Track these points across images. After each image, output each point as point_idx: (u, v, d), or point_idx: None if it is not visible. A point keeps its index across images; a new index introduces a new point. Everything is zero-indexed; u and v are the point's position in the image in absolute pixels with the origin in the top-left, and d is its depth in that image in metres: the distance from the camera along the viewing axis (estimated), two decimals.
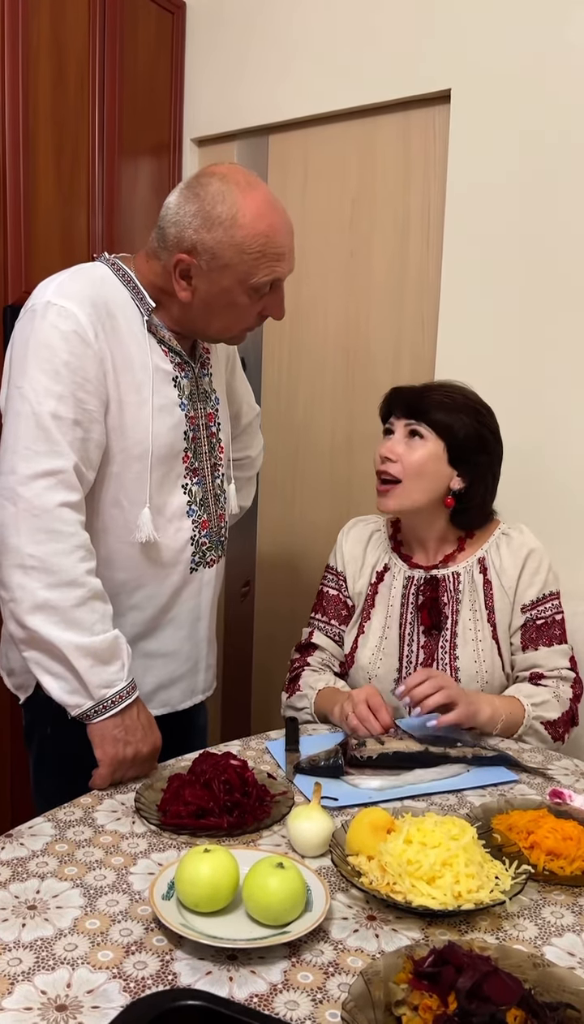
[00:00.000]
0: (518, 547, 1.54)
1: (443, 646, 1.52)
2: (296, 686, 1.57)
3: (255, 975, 0.85)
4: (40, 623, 1.20)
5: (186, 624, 1.47)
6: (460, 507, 1.53)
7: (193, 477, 1.41)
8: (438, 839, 0.97)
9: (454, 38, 1.98)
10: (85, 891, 0.97)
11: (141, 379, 1.31)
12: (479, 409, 1.52)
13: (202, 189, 1.26)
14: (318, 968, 0.87)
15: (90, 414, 1.25)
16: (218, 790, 1.13)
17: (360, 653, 1.57)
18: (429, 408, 1.48)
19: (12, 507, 1.21)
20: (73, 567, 1.22)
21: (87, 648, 1.21)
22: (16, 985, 0.82)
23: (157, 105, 2.42)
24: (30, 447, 1.21)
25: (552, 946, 0.92)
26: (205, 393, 1.44)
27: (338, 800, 1.20)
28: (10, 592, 1.22)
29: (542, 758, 1.39)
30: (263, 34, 2.30)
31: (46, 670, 1.23)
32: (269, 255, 1.26)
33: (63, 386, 1.22)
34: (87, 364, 1.24)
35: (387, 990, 0.79)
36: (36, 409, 1.21)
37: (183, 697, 1.50)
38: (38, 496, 1.21)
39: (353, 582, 1.62)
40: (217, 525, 1.48)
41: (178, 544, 1.40)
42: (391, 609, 1.57)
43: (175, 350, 1.37)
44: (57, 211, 2.13)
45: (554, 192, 1.88)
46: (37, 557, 1.20)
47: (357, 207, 2.24)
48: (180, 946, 0.88)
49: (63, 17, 2.08)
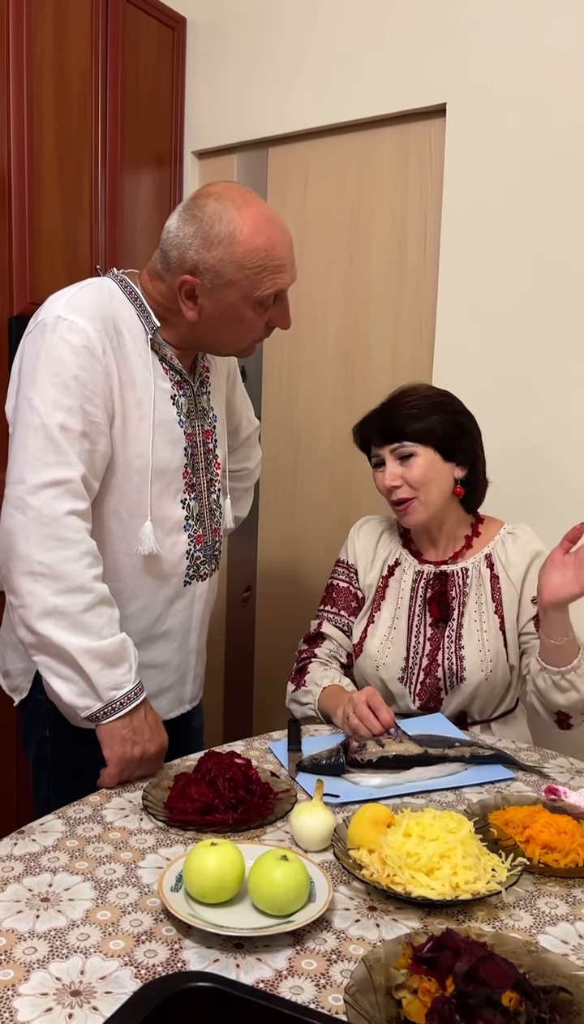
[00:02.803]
0: (524, 544, 1.59)
1: (449, 635, 1.56)
2: (303, 680, 1.61)
3: (261, 962, 0.88)
4: (50, 628, 1.23)
5: (178, 636, 1.49)
6: (468, 490, 1.59)
7: (190, 492, 1.44)
8: (436, 833, 1.01)
9: (450, 53, 2.02)
10: (96, 884, 1.01)
11: (142, 395, 1.34)
12: (442, 400, 1.57)
13: (199, 210, 1.28)
14: (321, 955, 0.90)
15: (97, 426, 1.28)
16: (223, 787, 1.16)
17: (369, 642, 1.62)
18: (402, 425, 1.53)
19: (21, 516, 1.24)
20: (81, 573, 1.25)
21: (96, 651, 1.24)
22: (32, 972, 0.85)
23: (158, 118, 2.46)
24: (39, 458, 1.24)
25: (546, 935, 0.95)
26: (203, 411, 1.47)
27: (340, 797, 1.24)
28: (20, 598, 1.25)
29: (538, 756, 1.43)
30: (263, 48, 2.34)
31: (55, 673, 1.26)
32: (270, 268, 1.29)
33: (72, 399, 1.25)
34: (96, 378, 1.27)
35: (388, 975, 0.83)
36: (45, 421, 1.24)
37: (170, 707, 1.52)
38: (46, 505, 1.23)
39: (364, 575, 1.67)
40: (212, 540, 1.51)
41: (174, 557, 1.43)
42: (401, 601, 1.61)
43: (176, 368, 1.40)
44: (61, 223, 2.17)
45: (547, 201, 1.93)
46: (46, 564, 1.23)
47: (356, 217, 2.29)
48: (188, 935, 0.92)
49: (66, 33, 2.12)
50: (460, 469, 1.57)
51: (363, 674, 1.63)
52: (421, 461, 1.53)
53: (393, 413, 1.55)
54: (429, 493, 1.54)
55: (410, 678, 1.58)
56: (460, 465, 1.56)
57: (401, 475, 1.53)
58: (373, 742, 1.35)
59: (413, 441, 1.53)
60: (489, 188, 2.00)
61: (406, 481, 1.53)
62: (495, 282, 2.01)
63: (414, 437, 1.52)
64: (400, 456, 1.54)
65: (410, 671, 1.58)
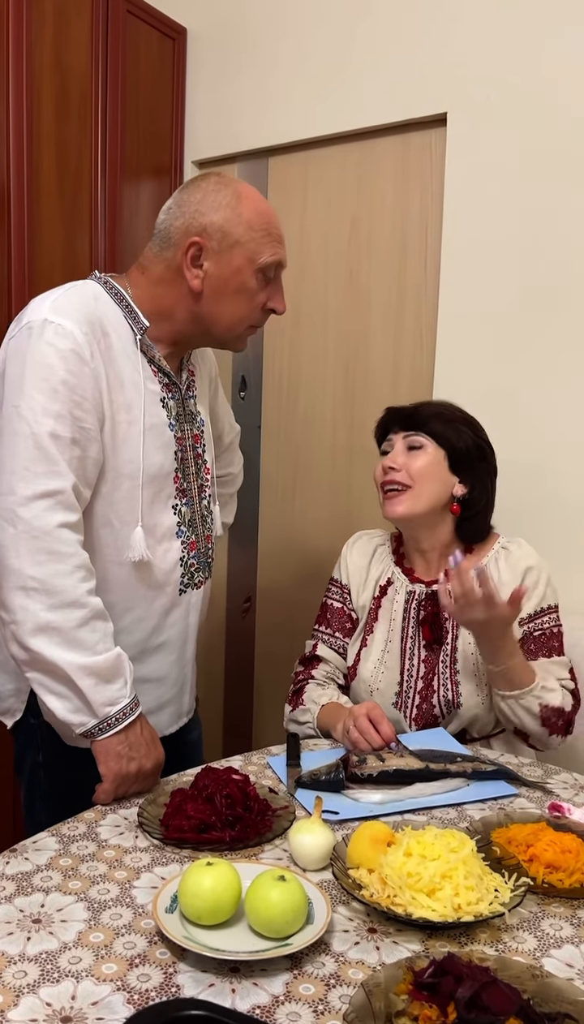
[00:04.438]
0: (516, 561, 1.55)
1: (444, 660, 1.53)
2: (300, 699, 1.58)
3: (257, 987, 0.86)
4: (43, 645, 1.20)
5: (176, 648, 1.47)
6: (465, 514, 1.56)
7: (182, 498, 1.42)
8: (438, 852, 0.98)
9: (450, 63, 2.02)
10: (89, 905, 0.98)
11: (131, 398, 1.32)
12: (473, 422, 1.57)
13: (203, 182, 1.33)
14: (320, 980, 0.88)
15: (87, 432, 1.26)
16: (220, 804, 1.14)
17: (362, 666, 1.59)
18: (426, 419, 1.53)
19: (12, 528, 1.21)
20: (74, 588, 1.22)
21: (90, 668, 1.21)
22: (22, 997, 0.83)
23: (158, 128, 2.46)
24: (29, 468, 1.21)
25: (551, 958, 0.92)
26: (191, 414, 1.45)
27: (339, 814, 1.21)
28: (12, 614, 1.22)
29: (541, 772, 1.40)
30: (263, 58, 2.34)
31: (49, 690, 1.23)
32: (272, 235, 1.32)
33: (61, 405, 1.22)
34: (84, 382, 1.25)
35: (388, 1001, 0.80)
36: (35, 429, 1.21)
37: (171, 721, 1.50)
38: (37, 517, 1.20)
39: (357, 595, 1.64)
40: (205, 546, 1.48)
41: (167, 565, 1.40)
42: (393, 623, 1.58)
43: (164, 370, 1.38)
44: (60, 233, 2.16)
45: (549, 212, 1.91)
46: (38, 579, 1.20)
47: (356, 227, 2.28)
48: (183, 959, 0.89)
49: (66, 43, 2.12)
50: (461, 486, 1.54)
51: (358, 699, 1.60)
52: (428, 456, 1.51)
53: (424, 408, 1.55)
54: (422, 490, 1.51)
55: (405, 703, 1.55)
56: (463, 483, 1.54)
57: (403, 463, 1.51)
58: (373, 756, 1.33)
59: (430, 436, 1.52)
60: (490, 198, 1.99)
61: (406, 469, 1.51)
62: (496, 292, 2.00)
63: (432, 433, 1.52)
64: (410, 445, 1.52)
65: (405, 695, 1.55)
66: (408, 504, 1.51)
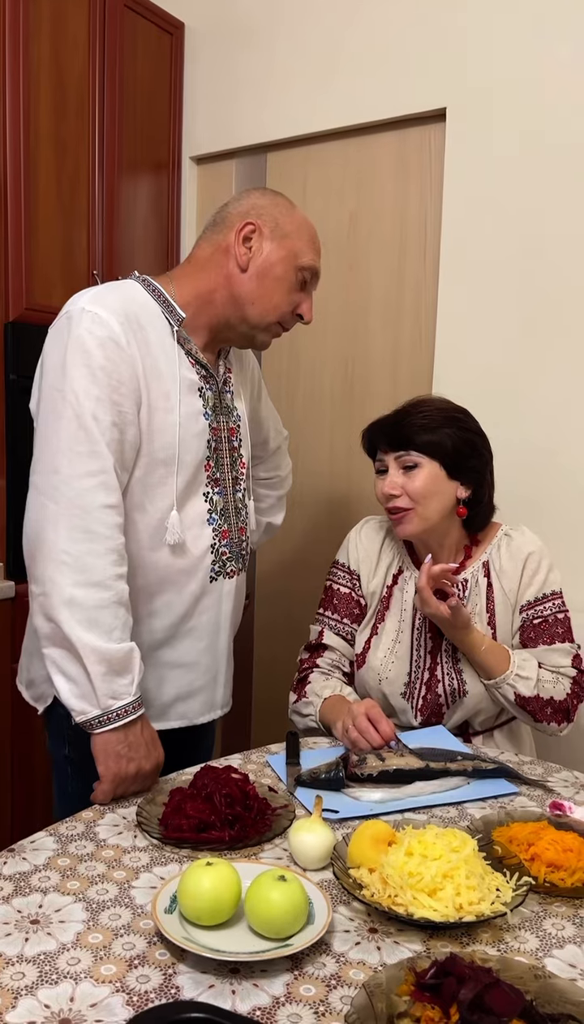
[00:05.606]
0: (518, 549, 1.55)
1: (446, 650, 1.53)
2: (304, 690, 1.57)
3: (258, 988, 0.85)
4: (65, 618, 1.22)
5: (206, 635, 1.47)
6: (472, 510, 1.55)
7: (214, 487, 1.44)
8: (439, 851, 0.98)
9: (449, 58, 2.01)
10: (87, 905, 0.98)
11: (169, 388, 1.35)
12: (457, 416, 1.53)
13: (252, 190, 1.42)
14: (320, 981, 0.87)
15: (125, 416, 1.29)
16: (219, 804, 1.13)
17: (372, 655, 1.58)
18: (412, 434, 1.49)
19: (53, 505, 1.24)
20: (104, 569, 1.24)
21: (102, 653, 1.22)
22: (20, 999, 0.82)
23: (156, 124, 2.44)
24: (72, 447, 1.24)
25: (553, 958, 0.92)
26: (227, 408, 1.47)
27: (339, 812, 1.21)
28: (41, 585, 1.24)
29: (542, 770, 1.40)
30: (261, 53, 2.33)
31: (60, 670, 1.25)
32: (315, 245, 1.41)
33: (100, 388, 1.26)
34: (121, 368, 1.28)
35: (389, 1002, 0.80)
36: (77, 411, 1.24)
37: (202, 710, 1.50)
38: (80, 496, 1.23)
39: (367, 581, 1.63)
40: (238, 537, 1.49)
41: (198, 551, 1.42)
42: (404, 614, 1.58)
43: (201, 362, 1.40)
44: (58, 229, 2.15)
45: (549, 206, 1.91)
46: (71, 554, 1.22)
47: (355, 223, 2.27)
48: (183, 960, 0.89)
49: (64, 38, 2.10)
50: (464, 489, 1.52)
51: (365, 686, 1.59)
52: (424, 473, 1.49)
53: (404, 421, 1.51)
54: (427, 507, 1.50)
55: (412, 693, 1.54)
56: (465, 484, 1.52)
57: (402, 485, 1.49)
58: (373, 756, 1.32)
59: (420, 452, 1.48)
60: (489, 193, 1.98)
61: (406, 492, 1.49)
62: (496, 289, 1.99)
63: (422, 448, 1.48)
64: (404, 465, 1.50)
65: (413, 686, 1.54)
66: (417, 523, 1.51)
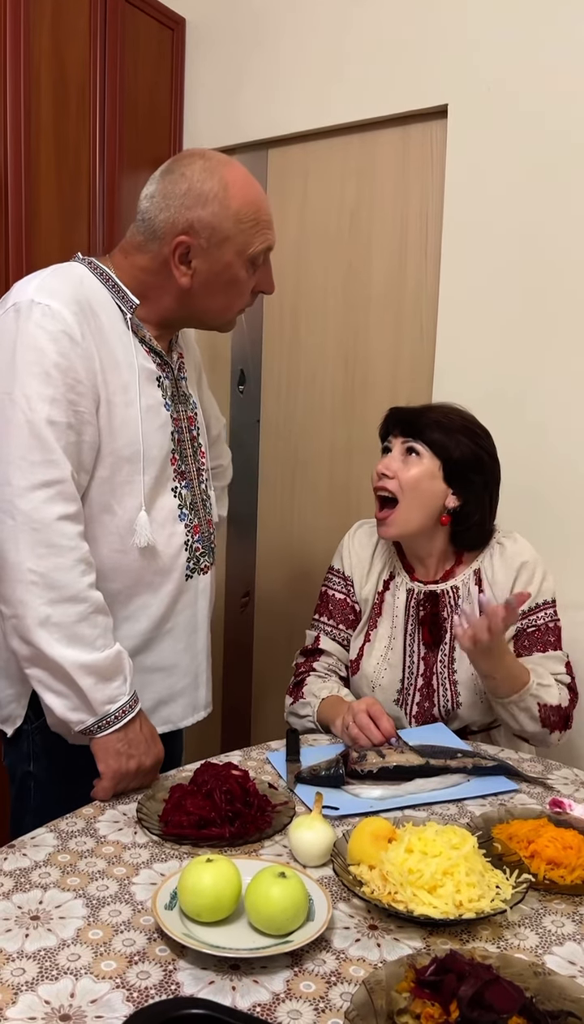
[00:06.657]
0: (511, 558, 1.54)
1: (442, 659, 1.52)
2: (300, 692, 1.57)
3: (258, 984, 0.85)
4: (43, 639, 1.18)
5: (184, 635, 1.44)
6: (458, 527, 1.53)
7: (181, 480, 1.39)
8: (439, 848, 0.98)
9: (451, 54, 2.00)
10: (88, 901, 0.98)
11: (127, 379, 1.29)
12: (476, 431, 1.53)
13: (187, 169, 1.26)
14: (320, 977, 0.87)
15: (82, 416, 1.22)
16: (220, 800, 1.13)
17: (365, 662, 1.58)
18: (425, 427, 1.50)
19: (11, 520, 1.18)
20: (74, 582, 1.20)
21: (90, 666, 1.20)
22: (20, 995, 0.82)
23: (157, 119, 2.44)
24: (25, 457, 1.17)
25: (553, 955, 0.92)
26: (184, 396, 1.42)
27: (339, 809, 1.21)
28: (12, 608, 1.20)
29: (542, 767, 1.40)
30: (262, 49, 2.32)
31: (48, 688, 1.22)
32: (261, 223, 1.29)
33: (55, 389, 1.19)
34: (77, 364, 1.21)
35: (389, 999, 0.80)
36: (29, 417, 1.17)
37: (185, 713, 1.47)
38: (36, 509, 1.18)
39: (360, 587, 1.63)
40: (207, 530, 1.46)
41: (172, 550, 1.37)
42: (396, 620, 1.57)
43: (156, 350, 1.35)
44: (59, 224, 2.14)
45: (551, 204, 1.90)
46: (38, 572, 1.18)
47: (356, 219, 2.26)
48: (183, 956, 0.89)
49: (64, 33, 2.10)
50: (454, 498, 1.50)
51: (360, 693, 1.59)
52: (422, 466, 1.48)
53: (425, 414, 1.52)
54: (410, 503, 1.48)
55: (406, 700, 1.54)
56: (457, 494, 1.50)
57: (397, 471, 1.49)
58: (373, 752, 1.32)
59: (427, 445, 1.49)
60: (491, 190, 1.97)
61: (398, 477, 1.49)
62: (497, 286, 1.99)
63: (430, 442, 1.49)
64: (406, 450, 1.50)
65: (406, 693, 1.54)
66: (398, 526, 1.50)
